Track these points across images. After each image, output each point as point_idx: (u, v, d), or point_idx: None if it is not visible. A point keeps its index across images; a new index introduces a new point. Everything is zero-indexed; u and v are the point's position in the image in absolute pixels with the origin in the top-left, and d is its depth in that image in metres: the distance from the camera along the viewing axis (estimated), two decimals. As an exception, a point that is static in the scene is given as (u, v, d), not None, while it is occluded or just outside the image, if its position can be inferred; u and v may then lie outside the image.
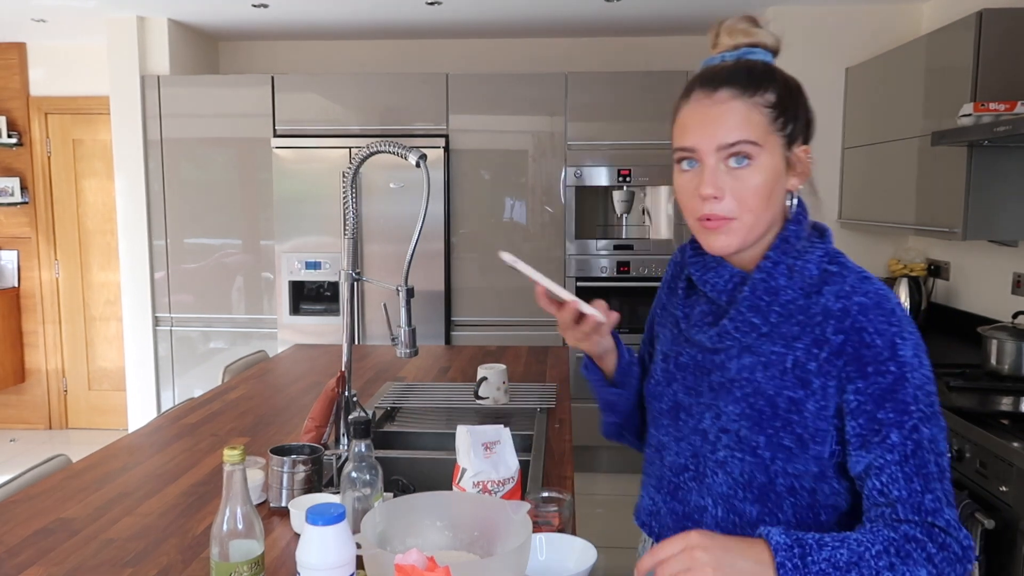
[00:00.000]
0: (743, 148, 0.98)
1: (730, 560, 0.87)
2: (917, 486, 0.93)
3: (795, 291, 1.02)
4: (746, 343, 1.04)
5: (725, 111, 0.99)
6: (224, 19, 4.36)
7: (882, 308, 0.97)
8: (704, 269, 1.10)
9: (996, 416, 2.18)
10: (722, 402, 1.05)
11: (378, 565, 1.00)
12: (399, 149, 1.68)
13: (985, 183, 2.74)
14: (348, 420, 1.75)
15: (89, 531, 1.45)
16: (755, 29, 1.06)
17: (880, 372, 0.95)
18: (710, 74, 1.03)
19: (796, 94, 1.04)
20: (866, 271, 1.04)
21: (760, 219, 1.01)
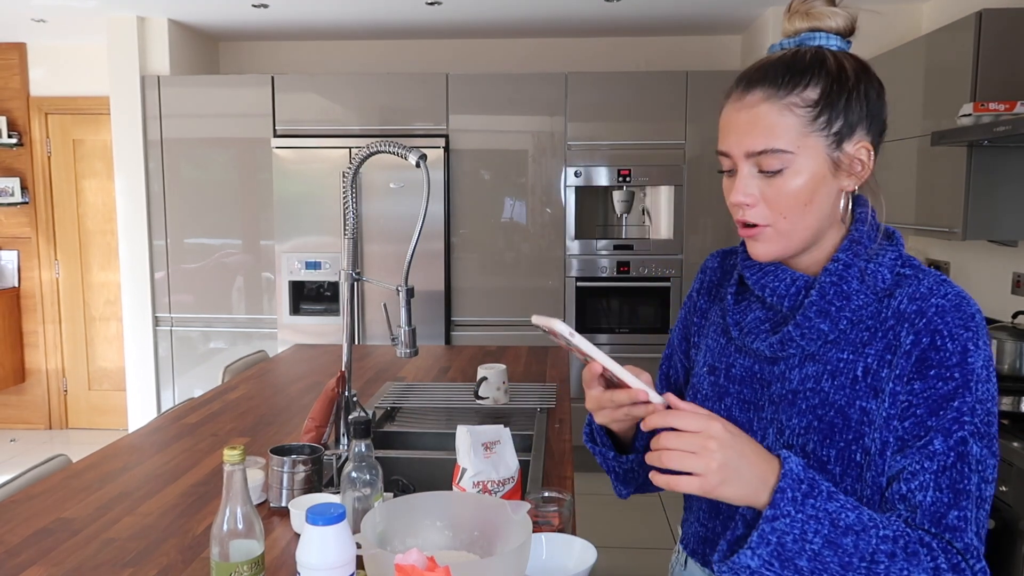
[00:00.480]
0: (771, 158, 0.92)
1: (738, 464, 0.83)
2: (946, 498, 0.85)
3: (867, 295, 0.94)
4: (810, 351, 0.96)
5: (753, 116, 0.93)
6: (224, 19, 4.37)
7: (961, 311, 0.90)
8: (761, 273, 1.01)
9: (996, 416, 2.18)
10: (785, 415, 0.96)
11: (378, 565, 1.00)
12: (399, 149, 1.68)
13: (985, 183, 2.74)
14: (348, 420, 1.75)
15: (89, 531, 1.45)
16: (821, 10, 0.95)
17: (943, 377, 0.88)
18: (749, 72, 0.96)
19: (853, 85, 0.93)
20: (944, 275, 0.96)
21: (799, 225, 0.94)
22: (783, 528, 0.82)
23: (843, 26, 0.96)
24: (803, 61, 0.93)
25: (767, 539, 0.82)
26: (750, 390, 1.01)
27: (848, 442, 0.91)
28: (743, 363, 1.02)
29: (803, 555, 0.82)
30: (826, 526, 0.82)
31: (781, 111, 0.92)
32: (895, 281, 0.95)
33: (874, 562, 0.82)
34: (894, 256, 0.96)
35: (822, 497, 0.83)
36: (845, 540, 0.82)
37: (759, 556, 0.83)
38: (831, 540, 0.82)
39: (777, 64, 0.94)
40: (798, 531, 0.82)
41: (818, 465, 0.92)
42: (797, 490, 0.82)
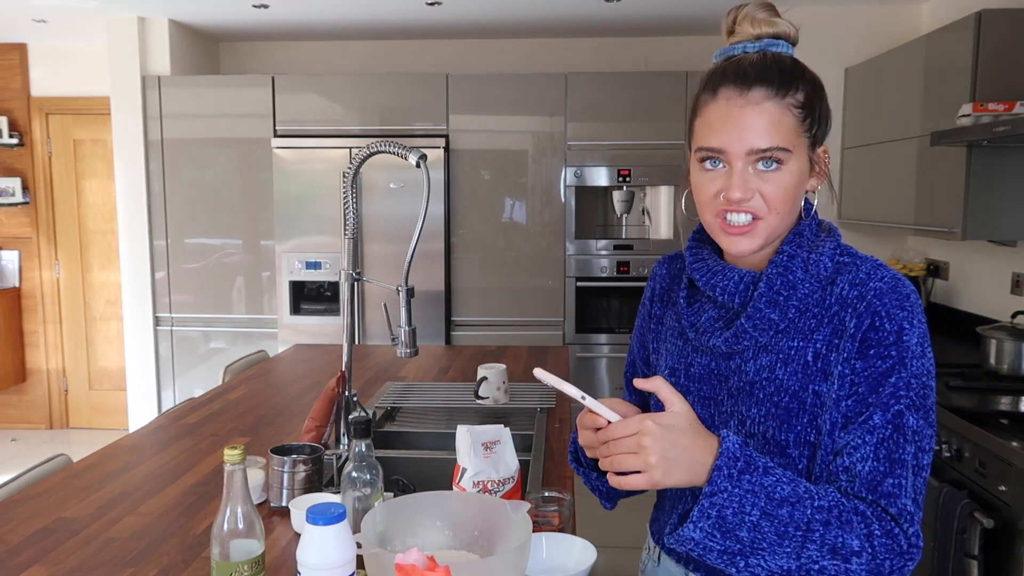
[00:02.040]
0: (775, 155, 0.95)
1: (675, 454, 0.90)
2: (882, 467, 0.90)
3: (812, 283, 0.99)
4: (762, 342, 1.00)
5: (758, 113, 0.95)
6: (225, 19, 4.37)
7: (897, 292, 0.95)
8: (710, 274, 1.06)
9: (995, 416, 2.18)
10: (744, 406, 1.00)
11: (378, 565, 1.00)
12: (399, 149, 1.68)
13: (984, 183, 2.74)
14: (348, 420, 1.75)
15: (90, 531, 1.46)
16: (777, 19, 1.01)
17: (881, 356, 0.93)
18: (740, 69, 0.97)
19: (822, 94, 1.00)
20: (880, 260, 1.02)
21: (785, 219, 1.00)
22: (722, 502, 0.88)
23: (794, 35, 1.03)
24: (787, 66, 0.98)
25: (707, 513, 0.89)
26: (709, 387, 1.05)
27: (804, 425, 0.97)
28: (701, 361, 1.07)
29: (743, 526, 0.88)
30: (762, 499, 0.88)
31: (783, 110, 0.96)
32: (836, 269, 1.00)
33: (809, 530, 0.87)
34: (833, 246, 1.01)
35: (758, 473, 0.89)
36: (781, 511, 0.88)
37: (701, 529, 0.89)
38: (767, 512, 0.88)
39: (769, 66, 0.97)
40: (736, 504, 0.88)
41: (778, 449, 0.97)
42: (733, 467, 0.89)
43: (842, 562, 0.87)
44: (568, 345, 4.30)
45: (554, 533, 1.33)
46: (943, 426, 2.28)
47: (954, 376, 2.55)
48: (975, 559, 2.03)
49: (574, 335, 4.32)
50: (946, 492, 2.16)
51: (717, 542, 0.89)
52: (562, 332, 4.33)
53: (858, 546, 0.87)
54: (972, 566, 2.04)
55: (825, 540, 0.87)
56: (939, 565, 2.17)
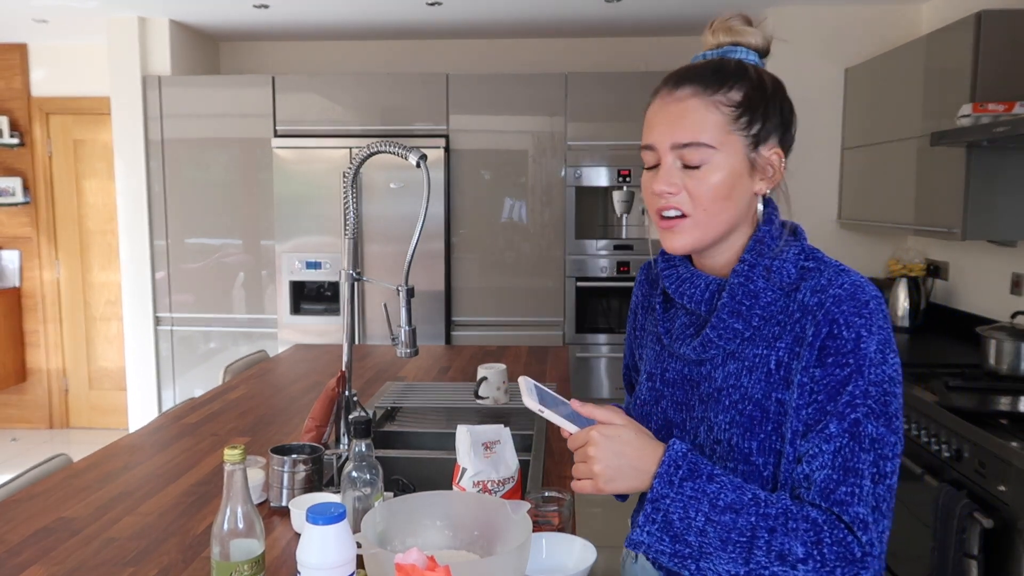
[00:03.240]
0: (695, 151, 0.98)
1: (617, 463, 0.94)
2: (836, 475, 0.91)
3: (775, 292, 0.99)
4: (730, 350, 1.02)
5: (683, 109, 0.99)
6: (225, 20, 4.37)
7: (855, 299, 0.94)
8: (679, 282, 1.08)
9: (995, 416, 2.18)
10: (712, 413, 1.02)
11: (378, 564, 1.00)
12: (399, 149, 1.68)
13: (984, 183, 2.74)
14: (348, 420, 1.75)
15: (90, 530, 1.46)
16: (742, 27, 1.04)
17: (839, 364, 0.93)
18: (677, 72, 1.02)
19: (771, 94, 1.01)
20: (844, 265, 1.02)
21: (716, 219, 1.00)
22: (666, 508, 0.92)
23: (761, 44, 1.04)
24: (728, 67, 1.01)
25: (651, 518, 0.93)
26: (682, 392, 1.07)
27: (768, 433, 0.97)
28: (675, 367, 1.09)
29: (690, 531, 0.91)
30: (705, 505, 0.91)
31: (708, 107, 0.98)
32: (800, 275, 1.00)
33: (754, 537, 0.89)
34: (797, 251, 1.02)
35: (702, 479, 0.92)
36: (724, 518, 0.90)
37: (648, 533, 0.93)
38: (711, 518, 0.90)
39: (705, 67, 1.02)
40: (681, 510, 0.91)
41: (742, 456, 0.98)
42: (675, 474, 0.92)
43: (790, 568, 0.88)
44: (568, 345, 4.30)
45: (554, 533, 1.33)
46: (943, 426, 2.28)
47: (954, 376, 2.55)
48: (975, 559, 2.03)
49: (574, 335, 4.32)
50: (946, 492, 2.16)
51: (667, 546, 0.92)
52: (562, 332, 4.33)
53: (803, 553, 0.88)
54: (972, 566, 2.04)
55: (771, 547, 0.89)
56: (939, 565, 2.18)
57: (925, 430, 2.38)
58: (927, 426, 2.37)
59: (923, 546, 2.36)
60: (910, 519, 2.51)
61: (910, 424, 2.47)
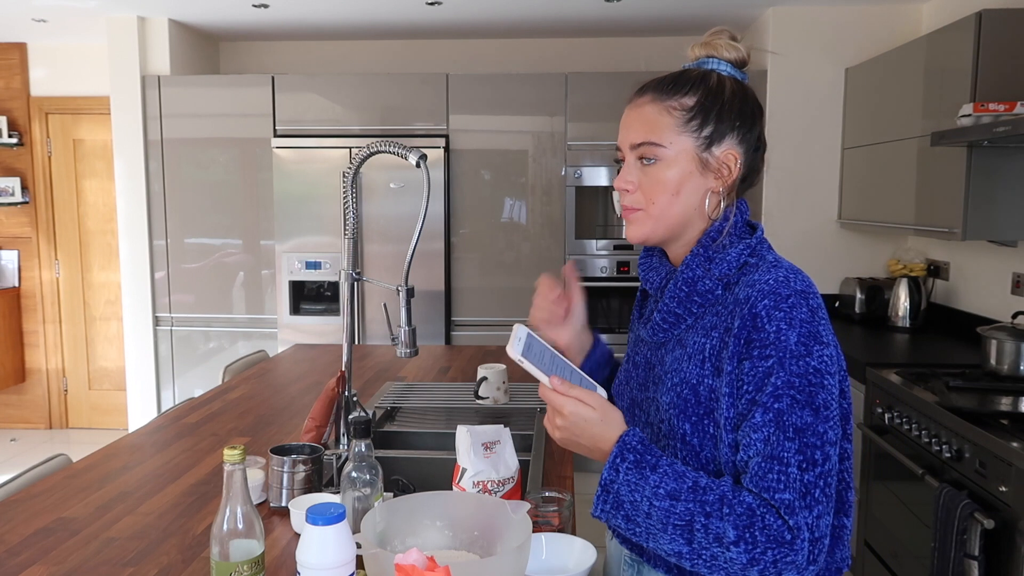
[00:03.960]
0: (646, 149, 1.08)
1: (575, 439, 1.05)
2: (765, 464, 0.96)
3: (712, 281, 1.07)
4: (678, 336, 1.11)
5: (639, 113, 1.11)
6: (225, 19, 4.37)
7: (778, 294, 1.00)
8: (647, 270, 1.19)
9: (995, 416, 2.18)
10: (658, 394, 1.11)
11: (378, 565, 1.00)
12: (399, 149, 1.68)
13: (984, 183, 2.74)
14: (348, 420, 1.75)
15: (90, 530, 1.46)
16: (719, 42, 1.12)
17: (763, 356, 0.98)
18: (644, 82, 1.14)
19: (728, 100, 1.09)
20: (783, 261, 1.08)
21: (667, 212, 1.09)
22: (616, 491, 1.01)
23: (735, 58, 1.12)
24: (689, 75, 1.11)
25: (603, 498, 1.02)
26: (644, 373, 1.17)
27: (700, 416, 1.05)
28: (642, 351, 1.19)
29: (638, 514, 1.00)
30: (647, 492, 0.99)
31: (661, 111, 1.09)
32: (740, 270, 1.08)
33: (692, 522, 0.96)
34: (742, 247, 1.08)
35: (645, 469, 1.00)
36: (663, 504, 0.98)
37: (602, 511, 1.03)
38: (653, 503, 0.98)
39: (667, 76, 1.12)
40: (628, 494, 1.00)
41: (679, 437, 1.06)
42: (620, 464, 1.01)
43: (724, 550, 0.95)
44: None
45: (554, 533, 1.33)
46: (943, 426, 2.28)
47: (954, 376, 2.55)
48: (975, 559, 2.03)
49: (574, 335, 4.31)
50: (946, 492, 2.16)
51: (621, 523, 1.02)
52: (562, 332, 4.32)
53: (735, 536, 0.94)
54: (972, 566, 2.04)
55: (708, 530, 0.96)
56: (939, 565, 2.17)
57: (926, 430, 2.38)
58: (928, 426, 2.37)
59: (924, 546, 2.35)
60: (911, 519, 2.51)
61: (910, 424, 2.47)
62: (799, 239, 4.04)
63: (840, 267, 4.06)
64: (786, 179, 4.05)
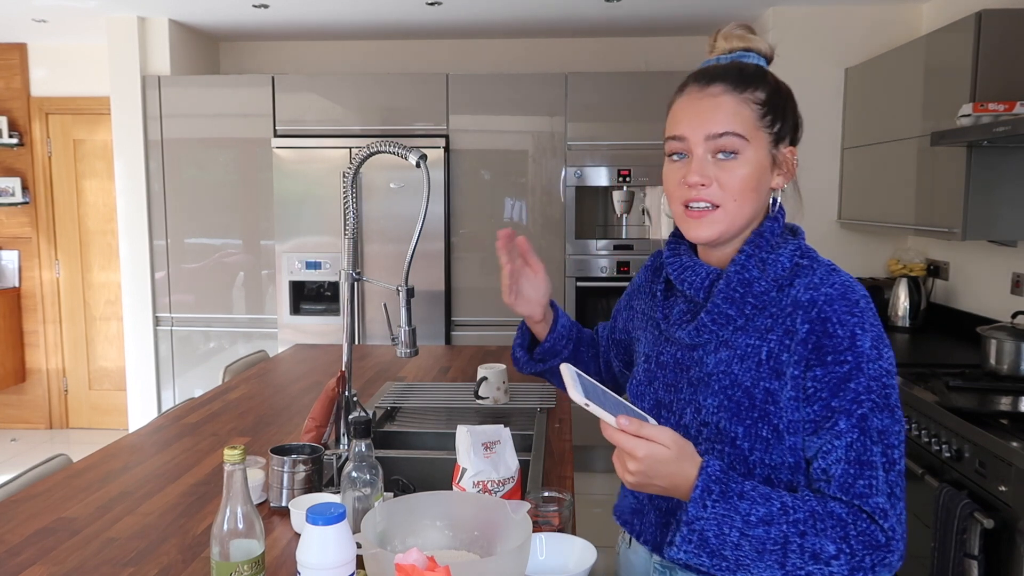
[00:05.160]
0: (730, 140, 1.04)
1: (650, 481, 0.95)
2: (852, 470, 0.96)
3: (767, 283, 1.05)
4: (723, 337, 1.08)
5: (716, 103, 1.05)
6: (225, 19, 4.37)
7: (847, 299, 1.00)
8: (681, 269, 1.14)
9: (995, 416, 2.18)
10: (701, 396, 1.07)
11: (378, 565, 1.00)
12: (399, 149, 1.68)
13: (984, 183, 2.74)
14: (348, 420, 1.75)
15: (90, 530, 1.46)
16: (751, 36, 1.12)
17: (838, 361, 0.98)
18: (704, 71, 1.09)
19: (785, 97, 1.10)
20: (836, 265, 1.08)
21: (743, 209, 1.06)
22: (701, 528, 0.95)
23: (767, 51, 1.12)
24: (750, 70, 1.08)
25: (688, 538, 0.96)
26: (673, 374, 1.13)
27: (754, 420, 1.02)
28: (670, 351, 1.15)
29: (726, 547, 0.95)
30: (738, 522, 0.94)
31: (740, 103, 1.05)
32: (793, 271, 1.07)
33: (787, 543, 0.94)
34: (793, 248, 1.08)
35: (733, 499, 0.95)
36: (757, 531, 0.94)
37: (685, 552, 0.97)
38: (745, 533, 0.94)
39: (731, 67, 1.09)
40: (715, 528, 0.95)
41: (728, 440, 1.04)
42: (707, 498, 0.95)
43: (824, 566, 0.94)
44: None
45: (554, 533, 1.33)
46: (943, 426, 2.28)
47: (954, 376, 2.55)
48: (975, 559, 2.03)
49: (574, 335, 4.31)
50: (946, 492, 2.16)
51: (704, 561, 0.96)
52: (562, 332, 4.32)
53: (835, 549, 0.93)
54: (972, 566, 2.04)
55: (804, 549, 0.93)
56: (939, 565, 2.18)
57: (926, 430, 2.38)
58: (927, 426, 2.37)
59: (924, 546, 2.36)
60: (911, 519, 2.51)
61: (911, 424, 2.46)
62: (799, 239, 4.04)
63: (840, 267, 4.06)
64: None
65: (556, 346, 1.40)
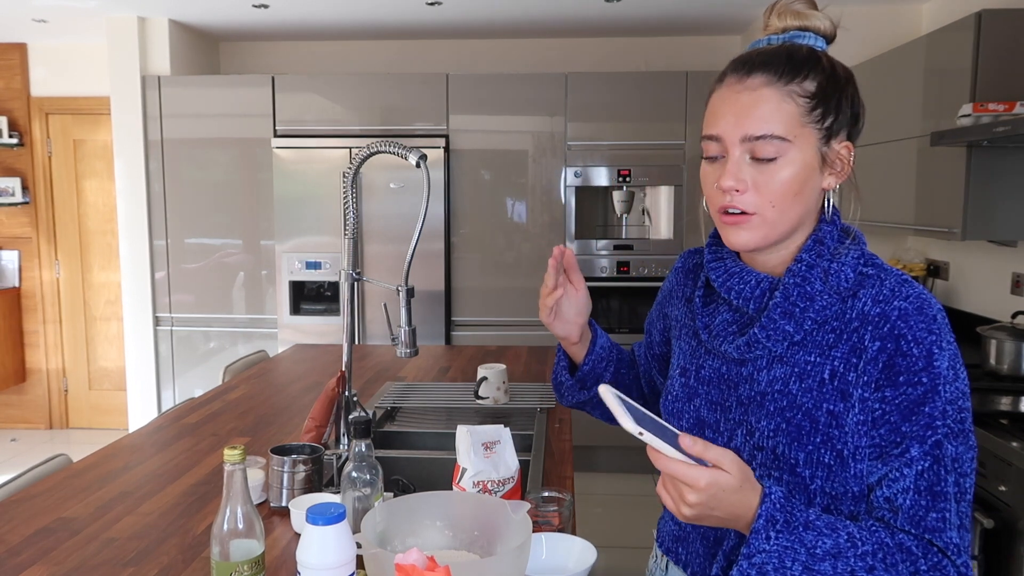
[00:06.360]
0: (769, 144, 0.92)
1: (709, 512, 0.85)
2: (924, 501, 0.88)
3: (831, 296, 0.94)
4: (777, 353, 0.97)
5: (755, 99, 0.92)
6: (225, 19, 4.37)
7: (924, 314, 0.90)
8: (727, 275, 1.02)
9: (995, 416, 2.18)
10: (754, 417, 0.97)
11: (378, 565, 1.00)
12: (399, 149, 1.68)
13: (984, 183, 2.74)
14: (348, 420, 1.75)
15: (90, 530, 1.46)
16: (810, 11, 0.98)
17: (911, 383, 0.89)
18: (746, 57, 0.96)
19: (843, 85, 0.95)
20: (906, 275, 0.96)
21: (785, 216, 0.94)
22: (761, 561, 0.86)
23: (828, 29, 0.98)
24: (801, 54, 0.94)
25: (747, 572, 0.87)
26: (718, 391, 1.02)
27: (816, 445, 0.92)
28: (712, 365, 1.04)
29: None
30: (803, 555, 0.85)
31: (783, 97, 0.92)
32: (858, 281, 0.95)
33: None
34: (857, 255, 0.96)
35: (798, 529, 0.86)
36: (823, 565, 0.85)
37: None
38: (809, 566, 0.85)
39: (777, 53, 0.95)
40: (776, 561, 0.86)
41: (788, 467, 0.93)
42: (771, 529, 0.85)
43: None
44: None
45: (554, 533, 1.33)
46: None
47: (954, 376, 2.55)
48: (975, 559, 2.03)
49: (574, 335, 4.31)
50: (946, 492, 2.16)
51: None
52: (562, 332, 4.32)
53: None
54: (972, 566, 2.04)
55: None
56: (939, 565, 2.17)
57: (925, 430, 2.38)
58: (927, 426, 2.37)
59: (923, 546, 2.36)
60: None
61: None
62: (799, 239, 4.04)
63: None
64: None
65: (596, 369, 1.24)
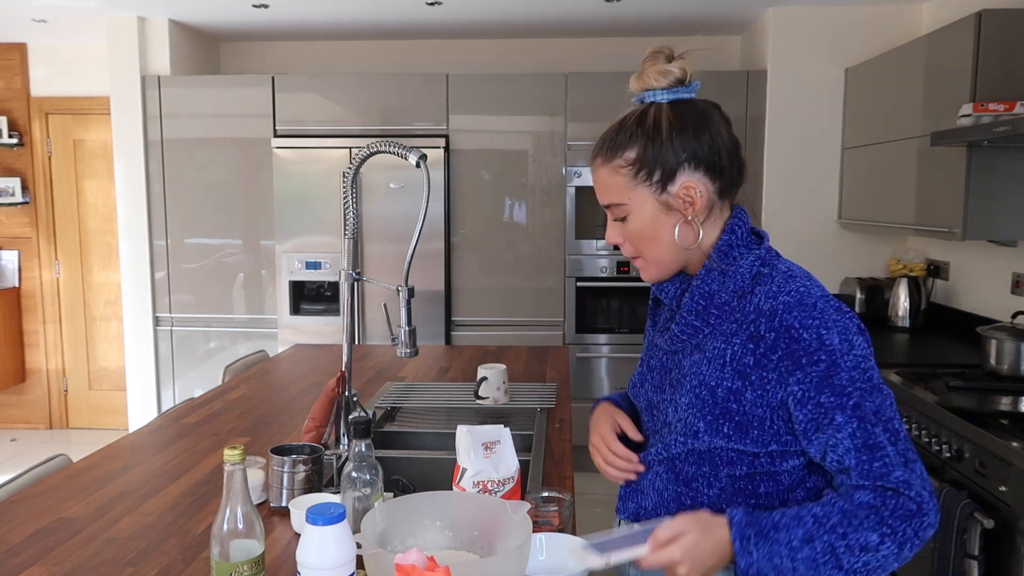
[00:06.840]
0: (617, 208, 1.15)
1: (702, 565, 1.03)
2: (864, 456, 1.01)
3: (728, 294, 1.12)
4: (696, 342, 1.15)
5: (598, 177, 1.17)
6: (225, 19, 4.37)
7: (804, 304, 1.06)
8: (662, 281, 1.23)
9: (995, 416, 2.18)
10: (677, 395, 1.16)
11: (378, 565, 1.00)
12: (399, 149, 1.68)
13: (984, 183, 2.74)
14: (348, 420, 1.75)
15: (90, 531, 1.46)
16: (650, 71, 1.13)
17: (813, 362, 1.03)
18: (596, 143, 1.19)
19: (666, 138, 1.10)
20: (794, 270, 1.12)
21: (658, 254, 1.15)
22: (756, 572, 1.02)
23: (669, 83, 1.13)
24: (626, 124, 1.15)
25: None
26: (659, 376, 1.23)
27: (716, 416, 1.09)
28: (658, 356, 1.25)
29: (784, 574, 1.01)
30: (784, 550, 1.01)
31: (611, 173, 1.14)
32: (755, 279, 1.12)
33: (834, 549, 1.00)
34: (752, 259, 1.13)
35: (770, 533, 1.02)
36: (803, 553, 1.00)
37: None
38: (794, 558, 1.00)
39: (608, 134, 1.17)
40: (767, 563, 1.01)
41: (692, 433, 1.11)
42: (748, 544, 1.02)
43: (875, 553, 0.99)
44: (568, 345, 4.30)
45: (554, 533, 1.33)
46: (943, 426, 2.28)
47: (954, 376, 2.55)
48: (975, 559, 2.03)
49: (574, 335, 4.32)
50: (946, 492, 2.16)
51: None
52: (562, 332, 4.33)
53: (878, 536, 0.99)
54: (972, 566, 2.04)
55: (852, 547, 0.99)
56: (939, 565, 2.17)
57: (926, 430, 2.38)
58: (927, 426, 2.37)
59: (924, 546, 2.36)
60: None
61: (910, 424, 2.47)
62: (799, 239, 4.04)
63: (840, 267, 4.06)
64: (786, 179, 4.05)
65: None
